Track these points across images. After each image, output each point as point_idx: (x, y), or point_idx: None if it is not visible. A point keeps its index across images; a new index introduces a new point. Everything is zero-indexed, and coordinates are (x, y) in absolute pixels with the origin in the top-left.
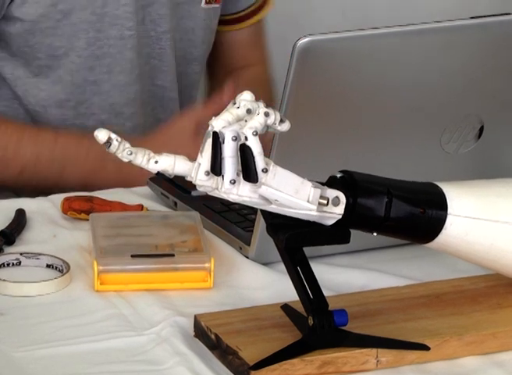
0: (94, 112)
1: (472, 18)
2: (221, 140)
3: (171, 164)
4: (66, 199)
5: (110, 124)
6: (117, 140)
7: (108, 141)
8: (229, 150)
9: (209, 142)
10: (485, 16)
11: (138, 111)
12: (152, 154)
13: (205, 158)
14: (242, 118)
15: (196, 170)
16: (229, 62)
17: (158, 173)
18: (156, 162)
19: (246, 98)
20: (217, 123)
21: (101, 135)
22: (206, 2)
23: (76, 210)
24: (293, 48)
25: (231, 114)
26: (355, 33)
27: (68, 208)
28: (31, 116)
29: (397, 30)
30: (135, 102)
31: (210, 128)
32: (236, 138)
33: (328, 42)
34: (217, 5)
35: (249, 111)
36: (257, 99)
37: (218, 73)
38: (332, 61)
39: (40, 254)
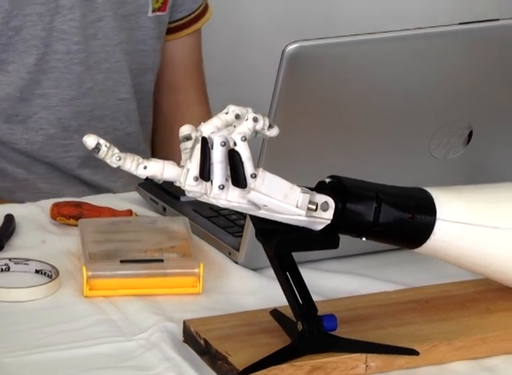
0: (42, 127)
1: (460, 24)
2: (210, 145)
3: (160, 169)
4: (55, 205)
5: (58, 138)
6: (106, 145)
7: (97, 147)
8: (218, 155)
9: (198, 148)
10: (472, 22)
11: (87, 124)
12: (141, 159)
13: (194, 163)
14: (231, 123)
15: (185, 176)
16: (168, 74)
17: (147, 179)
18: (145, 167)
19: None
20: (206, 129)
21: (90, 141)
22: (152, 11)
23: (65, 216)
24: (282, 53)
25: (220, 119)
26: (343, 39)
27: (57, 213)
28: None
29: (385, 36)
30: (83, 116)
31: (199, 134)
32: (224, 144)
33: (316, 48)
34: (162, 13)
35: (238, 116)
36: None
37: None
38: (321, 67)
39: (29, 259)
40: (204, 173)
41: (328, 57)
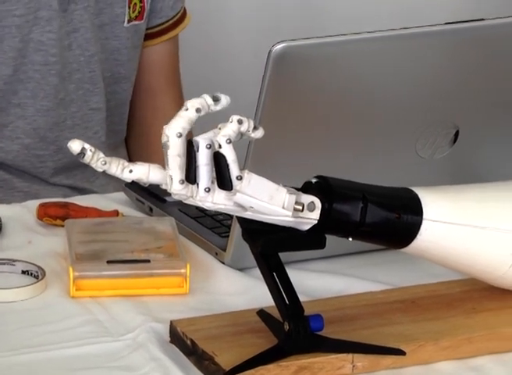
0: (18, 136)
1: (446, 24)
2: (195, 148)
3: (145, 173)
4: (42, 205)
5: (34, 148)
6: (91, 150)
7: (82, 152)
8: (203, 158)
9: (170, 153)
10: (458, 22)
11: (62, 134)
12: (126, 163)
13: (173, 168)
14: (194, 120)
15: (170, 179)
16: (145, 79)
17: (133, 182)
18: (130, 171)
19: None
20: (170, 132)
21: (75, 146)
22: (128, 21)
23: (52, 216)
24: (269, 53)
25: (182, 118)
26: (330, 39)
27: (43, 214)
28: None
29: (371, 36)
30: (58, 126)
31: (165, 138)
32: (210, 146)
33: (303, 48)
34: (139, 22)
35: (198, 110)
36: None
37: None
38: (308, 67)
39: (15, 260)
40: (190, 176)
41: (315, 57)
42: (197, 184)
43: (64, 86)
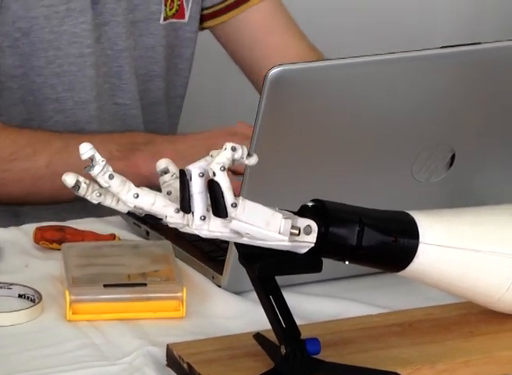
0: (58, 131)
1: (442, 47)
2: (188, 177)
3: (149, 203)
4: (38, 229)
5: None
6: (85, 183)
7: (77, 185)
8: (196, 186)
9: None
10: (455, 46)
11: (99, 128)
12: (122, 195)
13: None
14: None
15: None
16: (254, 40)
17: (129, 213)
18: (134, 196)
19: None
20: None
21: (69, 179)
22: (164, 19)
23: (48, 240)
24: (265, 77)
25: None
26: (326, 63)
27: (40, 237)
28: None
29: (367, 60)
30: (96, 119)
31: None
32: (203, 174)
33: (299, 72)
34: (177, 21)
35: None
36: None
37: (252, 61)
38: (304, 90)
39: (12, 284)
40: (185, 205)
41: (311, 81)
42: (192, 213)
43: (97, 79)
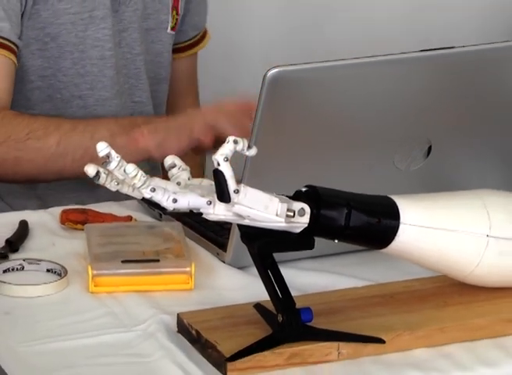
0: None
1: (421, 51)
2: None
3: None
4: (64, 211)
5: None
6: (105, 173)
7: (97, 175)
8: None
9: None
10: (431, 49)
11: None
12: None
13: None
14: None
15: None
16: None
17: (143, 199)
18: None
19: None
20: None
21: (91, 170)
22: (171, 28)
23: (73, 221)
24: (264, 77)
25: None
26: (320, 65)
27: (65, 219)
28: None
29: (356, 62)
30: (116, 115)
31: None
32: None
33: (295, 72)
34: (173, 33)
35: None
36: None
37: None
38: (299, 89)
39: (40, 260)
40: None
41: (306, 81)
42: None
43: (118, 79)
